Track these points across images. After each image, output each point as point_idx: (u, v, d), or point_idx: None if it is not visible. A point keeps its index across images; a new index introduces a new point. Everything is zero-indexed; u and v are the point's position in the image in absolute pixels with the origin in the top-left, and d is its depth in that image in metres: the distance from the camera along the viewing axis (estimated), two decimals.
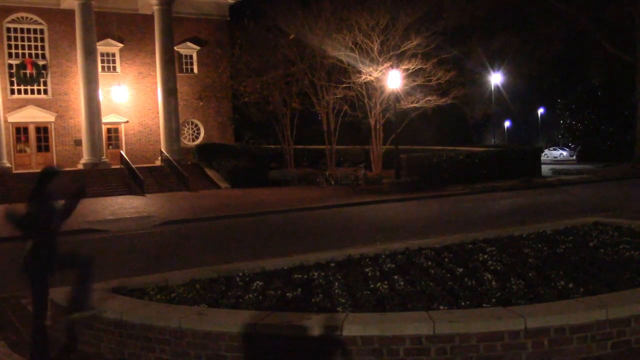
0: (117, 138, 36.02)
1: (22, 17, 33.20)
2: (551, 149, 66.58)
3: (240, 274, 7.43)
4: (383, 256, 8.21)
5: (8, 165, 31.15)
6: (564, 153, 63.28)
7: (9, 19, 32.78)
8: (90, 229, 17.35)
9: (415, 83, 31.56)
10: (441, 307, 5.71)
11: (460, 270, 7.13)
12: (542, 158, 37.54)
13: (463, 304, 5.84)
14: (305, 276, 7.21)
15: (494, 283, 6.44)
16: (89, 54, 32.38)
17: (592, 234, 9.31)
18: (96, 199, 26.52)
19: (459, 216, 17.84)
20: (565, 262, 7.34)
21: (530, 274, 6.76)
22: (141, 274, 8.10)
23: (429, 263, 7.62)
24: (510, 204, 20.56)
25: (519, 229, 10.17)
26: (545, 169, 36.50)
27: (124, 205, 23.89)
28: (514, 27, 42.36)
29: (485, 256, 7.81)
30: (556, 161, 56.31)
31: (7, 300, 8.34)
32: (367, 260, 8.05)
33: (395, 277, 6.88)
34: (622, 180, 29.37)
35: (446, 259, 7.83)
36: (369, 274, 7.13)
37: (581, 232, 9.58)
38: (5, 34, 32.81)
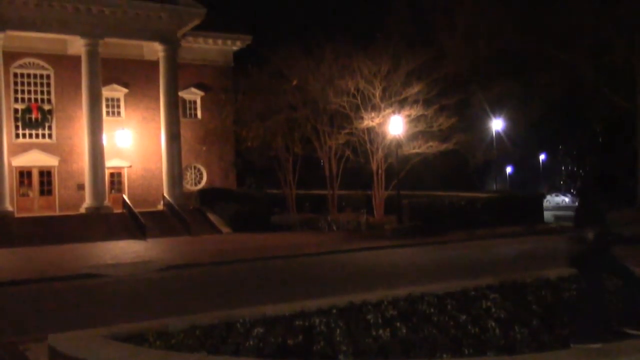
0: (120, 182, 36.12)
1: (29, 63, 33.70)
2: (553, 194, 66.44)
3: (241, 320, 7.35)
4: (385, 302, 8.11)
5: (10, 209, 31.14)
6: (566, 199, 63.20)
7: (16, 64, 33.27)
8: (90, 274, 17.27)
9: (417, 129, 31.78)
10: (444, 356, 5.63)
11: (464, 317, 7.05)
12: (544, 204, 37.47)
13: (467, 352, 5.76)
14: (307, 323, 7.12)
15: (497, 331, 6.37)
16: (95, 99, 32.70)
17: None
18: (97, 244, 26.47)
19: (462, 262, 17.73)
20: (570, 310, 7.25)
21: (534, 322, 6.68)
22: (140, 320, 8.01)
23: (432, 310, 7.53)
24: (513, 251, 20.45)
25: (522, 276, 10.07)
26: (547, 215, 36.41)
27: (125, 250, 23.81)
28: (514, 73, 42.80)
29: (489, 303, 7.72)
30: (558, 207, 56.17)
31: (5, 346, 8.22)
32: (369, 306, 7.95)
33: (398, 324, 6.80)
34: (626, 227, 29.21)
35: (449, 306, 7.74)
36: (371, 321, 7.05)
37: None
38: (12, 79, 33.21)
